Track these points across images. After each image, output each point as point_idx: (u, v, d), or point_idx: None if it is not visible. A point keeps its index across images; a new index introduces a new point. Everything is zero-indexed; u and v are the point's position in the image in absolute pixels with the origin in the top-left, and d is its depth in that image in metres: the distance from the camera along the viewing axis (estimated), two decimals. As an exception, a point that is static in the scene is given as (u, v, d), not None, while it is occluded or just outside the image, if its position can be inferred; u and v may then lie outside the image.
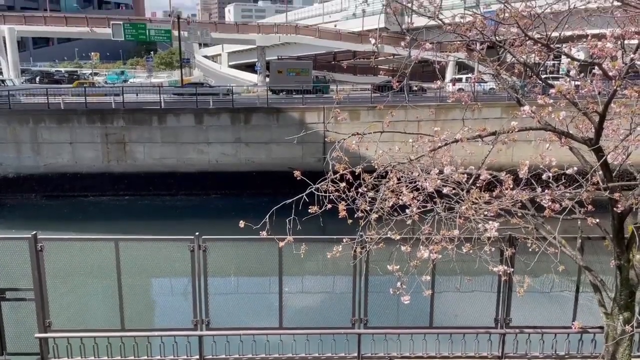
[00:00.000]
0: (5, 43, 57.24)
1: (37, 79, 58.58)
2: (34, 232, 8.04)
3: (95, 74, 72.48)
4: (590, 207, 6.08)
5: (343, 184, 5.26)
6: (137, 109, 32.45)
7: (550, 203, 5.39)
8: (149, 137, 31.58)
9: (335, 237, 6.23)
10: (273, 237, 5.37)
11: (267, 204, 5.11)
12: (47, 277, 8.17)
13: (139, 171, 31.24)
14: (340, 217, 5.20)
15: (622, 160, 6.07)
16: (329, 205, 5.22)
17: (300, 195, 5.20)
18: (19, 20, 64.22)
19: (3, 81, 46.21)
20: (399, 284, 5.32)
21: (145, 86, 46.25)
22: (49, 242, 8.13)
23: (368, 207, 5.34)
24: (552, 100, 4.93)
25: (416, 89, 41.65)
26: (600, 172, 5.61)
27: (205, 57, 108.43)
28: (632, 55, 4.47)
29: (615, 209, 5.87)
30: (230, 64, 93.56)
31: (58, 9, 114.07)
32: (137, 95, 37.15)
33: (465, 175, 5.53)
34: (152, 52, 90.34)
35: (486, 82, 32.26)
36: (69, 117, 31.31)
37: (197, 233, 8.14)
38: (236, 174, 31.25)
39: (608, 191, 5.51)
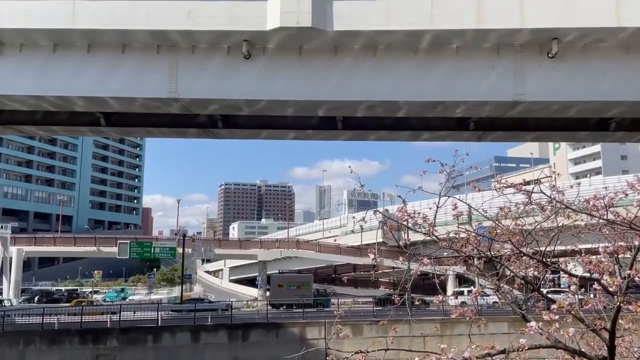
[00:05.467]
0: (10, 264, 58.39)
1: (36, 298, 58.23)
2: None
3: (95, 291, 72.31)
4: None
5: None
6: (132, 328, 31.44)
7: None
8: (142, 358, 29.99)
9: None
10: None
11: None
12: None
13: (125, 399, 28.92)
14: None
15: (645, 381, 5.66)
16: None
17: None
18: (29, 241, 66.65)
19: (1, 301, 45.83)
20: None
21: (144, 303, 45.69)
22: None
23: None
24: (557, 316, 4.81)
25: (418, 303, 41.05)
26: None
27: (207, 272, 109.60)
28: (628, 271, 4.51)
29: None
30: (231, 278, 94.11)
31: (69, 229, 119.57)
32: (134, 312, 36.53)
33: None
34: (154, 269, 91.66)
35: (489, 296, 31.95)
36: (62, 338, 30.12)
37: None
38: (231, 402, 28.89)
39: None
